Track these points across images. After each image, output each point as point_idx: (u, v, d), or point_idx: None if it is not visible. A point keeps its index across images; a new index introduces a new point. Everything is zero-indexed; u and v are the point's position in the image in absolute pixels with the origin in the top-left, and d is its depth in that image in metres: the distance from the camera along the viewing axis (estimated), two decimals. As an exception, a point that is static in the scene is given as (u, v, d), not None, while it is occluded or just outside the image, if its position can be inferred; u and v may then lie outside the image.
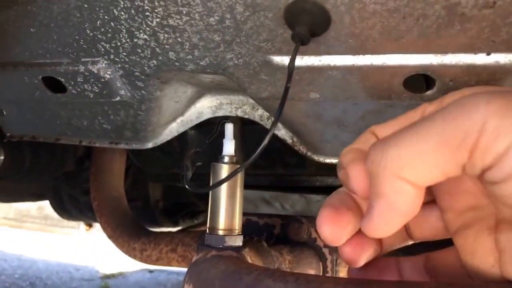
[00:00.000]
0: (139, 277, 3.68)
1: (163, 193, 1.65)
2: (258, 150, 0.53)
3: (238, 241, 0.70)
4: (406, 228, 0.49)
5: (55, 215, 4.49)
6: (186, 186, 0.69)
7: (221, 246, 0.69)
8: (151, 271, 3.80)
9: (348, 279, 0.54)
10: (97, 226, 4.41)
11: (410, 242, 0.51)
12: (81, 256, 3.97)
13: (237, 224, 0.71)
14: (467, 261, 0.42)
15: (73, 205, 1.68)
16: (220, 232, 0.69)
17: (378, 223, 0.39)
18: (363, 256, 0.47)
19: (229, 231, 0.70)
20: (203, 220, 1.86)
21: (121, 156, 1.30)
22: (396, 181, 0.36)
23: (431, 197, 0.47)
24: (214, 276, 0.60)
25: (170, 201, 1.69)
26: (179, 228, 1.79)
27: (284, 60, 0.61)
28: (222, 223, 0.70)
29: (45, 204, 4.41)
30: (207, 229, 0.71)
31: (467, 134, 0.33)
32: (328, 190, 1.25)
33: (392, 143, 0.37)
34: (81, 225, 4.42)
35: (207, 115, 0.82)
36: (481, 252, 0.40)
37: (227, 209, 0.70)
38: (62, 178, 1.57)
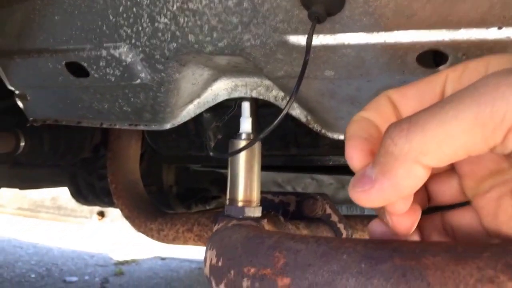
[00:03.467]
0: (152, 264, 3.74)
1: (177, 178, 1.69)
2: (277, 120, 0.56)
3: (257, 212, 0.74)
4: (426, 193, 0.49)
5: (68, 205, 4.55)
6: (210, 153, 0.72)
7: (241, 216, 0.72)
8: (163, 258, 3.86)
9: (368, 239, 0.56)
10: (109, 216, 4.48)
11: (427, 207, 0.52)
12: (94, 244, 4.04)
13: (256, 196, 0.74)
14: (488, 223, 0.42)
15: (90, 190, 1.72)
16: (240, 204, 0.73)
17: (374, 197, 0.38)
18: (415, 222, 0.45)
19: (248, 202, 0.73)
20: (215, 205, 1.90)
21: (137, 142, 1.33)
22: (413, 165, 0.35)
23: (450, 165, 0.46)
24: (236, 241, 0.63)
25: (183, 186, 1.73)
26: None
27: (300, 40, 0.63)
28: (241, 195, 0.73)
29: (59, 195, 4.48)
30: (227, 201, 0.74)
31: (505, 116, 0.31)
32: (341, 169, 1.28)
33: (418, 128, 0.35)
34: (94, 215, 4.49)
35: (222, 96, 0.85)
36: (503, 215, 0.40)
37: (246, 182, 0.73)
38: (79, 164, 1.61)
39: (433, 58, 0.64)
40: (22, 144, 1.28)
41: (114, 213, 4.30)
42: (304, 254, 0.55)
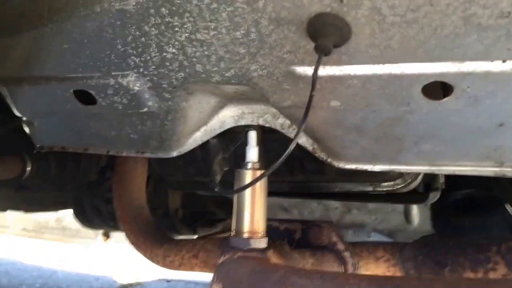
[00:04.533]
0: (157, 286, 3.70)
1: (183, 201, 1.68)
2: (284, 155, 0.56)
3: (263, 244, 0.73)
4: None
5: (73, 226, 4.54)
6: (215, 189, 0.72)
7: (246, 248, 0.72)
8: (168, 281, 3.82)
9: (372, 276, 0.56)
10: (114, 237, 4.46)
11: None
12: (99, 266, 4.01)
13: (262, 227, 0.74)
14: None
15: (96, 214, 1.71)
16: (245, 235, 0.73)
17: None
18: None
19: (254, 233, 0.73)
20: (221, 228, 1.89)
21: (143, 166, 1.33)
22: None
23: None
24: (242, 275, 0.63)
25: (189, 209, 1.72)
26: (197, 236, 1.82)
27: (307, 70, 0.64)
28: (247, 226, 0.73)
29: (64, 216, 4.47)
30: (233, 232, 0.74)
31: None
32: (346, 196, 1.28)
33: None
34: (99, 236, 4.47)
35: (229, 124, 0.85)
36: None
37: (251, 213, 0.73)
38: (84, 187, 1.61)
39: (437, 89, 0.64)
40: (28, 168, 1.28)
41: (118, 235, 4.28)
42: (309, 291, 0.55)
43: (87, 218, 1.77)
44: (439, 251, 0.92)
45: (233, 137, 1.01)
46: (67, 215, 4.45)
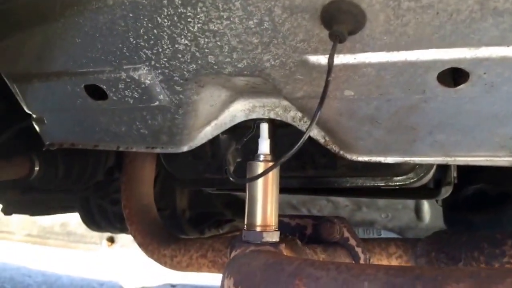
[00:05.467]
0: (162, 291, 3.69)
1: (190, 202, 1.68)
2: (301, 141, 0.56)
3: (275, 237, 0.73)
4: None
5: (78, 231, 4.54)
6: (230, 178, 0.72)
7: (259, 242, 0.71)
8: (173, 285, 3.81)
9: (389, 266, 0.55)
10: (119, 242, 4.46)
11: None
12: (104, 271, 4.00)
13: (274, 220, 0.73)
14: None
15: (102, 216, 1.71)
16: (258, 229, 0.72)
17: None
18: None
19: (266, 227, 0.72)
20: (228, 229, 1.88)
21: (151, 165, 1.33)
22: None
23: None
24: (255, 268, 0.62)
25: (196, 210, 1.71)
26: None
27: (320, 59, 0.63)
28: (259, 220, 0.72)
29: (68, 221, 4.46)
30: (245, 226, 0.73)
31: None
32: (357, 191, 1.27)
33: None
34: (103, 241, 4.46)
35: (240, 118, 0.85)
36: None
37: (264, 206, 0.72)
38: (91, 189, 1.60)
39: (452, 77, 0.64)
40: (37, 169, 1.28)
41: (123, 239, 4.27)
42: (324, 282, 0.54)
43: (93, 220, 1.76)
44: (452, 246, 0.92)
45: (243, 133, 1.01)
46: (72, 220, 4.45)
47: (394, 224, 1.42)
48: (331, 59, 0.54)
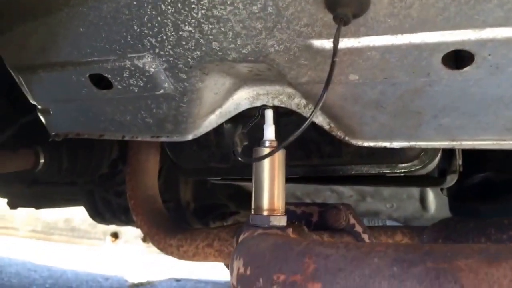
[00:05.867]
0: (167, 285, 3.71)
1: (194, 194, 1.68)
2: (308, 120, 0.56)
3: (283, 221, 0.73)
4: None
5: (82, 226, 4.55)
6: (238, 158, 0.72)
7: (266, 225, 0.72)
8: (178, 280, 3.83)
9: (398, 244, 0.55)
10: (122, 237, 4.47)
11: None
12: (109, 266, 4.02)
13: (281, 204, 0.74)
14: None
15: (107, 208, 1.72)
16: (265, 213, 0.72)
17: None
18: None
19: (273, 211, 0.73)
20: (233, 222, 1.89)
21: (155, 157, 1.33)
22: None
23: None
24: (264, 249, 0.63)
25: (200, 202, 1.72)
26: (209, 229, 1.81)
27: (324, 44, 0.63)
28: (266, 204, 0.73)
29: (73, 217, 4.48)
30: (252, 210, 0.74)
31: None
32: (362, 179, 1.27)
33: None
34: (107, 236, 4.48)
35: (244, 106, 0.85)
36: None
37: (271, 190, 0.73)
38: (96, 181, 1.61)
39: (454, 59, 0.64)
40: (42, 160, 1.29)
41: (127, 235, 4.28)
42: (334, 259, 0.54)
43: (98, 212, 1.77)
44: (459, 233, 0.92)
45: (247, 122, 1.01)
46: (76, 216, 4.46)
47: (399, 214, 1.42)
48: (336, 41, 0.54)
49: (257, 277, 0.61)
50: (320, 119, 0.80)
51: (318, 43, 0.64)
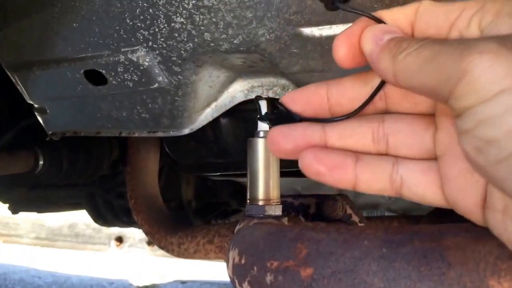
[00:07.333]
0: (172, 288, 3.71)
1: (196, 193, 1.69)
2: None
3: (278, 211, 0.74)
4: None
5: (86, 232, 4.55)
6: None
7: (262, 215, 0.72)
8: (183, 282, 3.83)
9: (387, 226, 0.56)
10: (127, 241, 4.48)
11: None
12: (114, 270, 4.03)
13: (276, 194, 0.74)
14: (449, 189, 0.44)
15: (108, 209, 1.73)
16: (260, 202, 0.73)
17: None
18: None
19: (269, 201, 0.73)
20: (235, 220, 1.89)
21: (155, 155, 1.34)
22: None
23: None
24: (258, 237, 0.63)
25: (202, 201, 1.73)
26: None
27: (314, 31, 0.64)
28: (261, 194, 0.73)
29: (76, 222, 4.49)
30: (247, 201, 0.74)
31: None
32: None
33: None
34: (112, 241, 4.49)
35: (239, 98, 0.86)
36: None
37: (266, 180, 0.73)
38: (97, 183, 1.62)
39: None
40: (41, 162, 1.29)
41: (132, 239, 4.29)
42: (325, 243, 0.55)
43: (100, 214, 1.78)
44: (455, 220, 0.92)
45: (243, 117, 1.02)
46: (80, 221, 4.47)
47: (397, 206, 1.43)
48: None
49: (252, 265, 0.62)
50: (314, 109, 0.81)
51: (308, 30, 0.64)
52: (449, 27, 0.40)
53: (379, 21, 0.43)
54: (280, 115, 0.49)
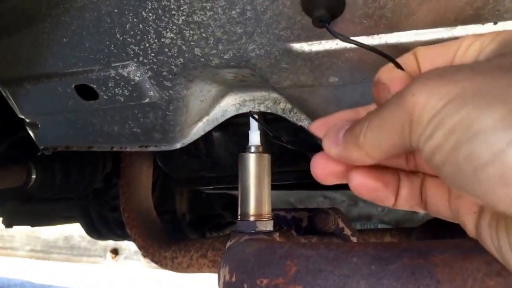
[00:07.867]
0: (167, 301, 3.68)
1: (190, 205, 1.69)
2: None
3: (269, 226, 0.73)
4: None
5: (81, 244, 4.52)
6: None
7: (253, 231, 0.72)
8: (179, 294, 3.80)
9: (377, 243, 0.56)
10: (123, 253, 4.46)
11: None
12: (109, 283, 4.00)
13: (267, 209, 0.74)
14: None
15: (102, 223, 1.71)
16: (251, 218, 0.72)
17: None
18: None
19: (260, 216, 0.73)
20: (229, 232, 1.88)
21: (148, 168, 1.34)
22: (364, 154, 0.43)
23: None
24: (249, 254, 0.63)
25: (196, 213, 1.72)
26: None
27: (303, 46, 0.64)
28: (252, 209, 0.73)
29: (72, 234, 4.46)
30: (239, 216, 0.74)
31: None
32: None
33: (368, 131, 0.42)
34: (107, 253, 4.46)
35: (231, 112, 0.86)
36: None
37: (257, 196, 0.73)
38: (90, 196, 1.61)
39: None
40: (34, 176, 1.28)
41: (127, 251, 4.27)
42: (315, 260, 0.55)
43: (94, 228, 1.77)
44: (447, 232, 0.92)
45: (235, 130, 1.02)
46: (75, 234, 4.44)
47: (390, 217, 1.43)
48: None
49: (242, 283, 0.62)
50: (305, 123, 0.81)
51: (297, 46, 0.64)
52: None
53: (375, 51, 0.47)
54: (303, 140, 0.54)
